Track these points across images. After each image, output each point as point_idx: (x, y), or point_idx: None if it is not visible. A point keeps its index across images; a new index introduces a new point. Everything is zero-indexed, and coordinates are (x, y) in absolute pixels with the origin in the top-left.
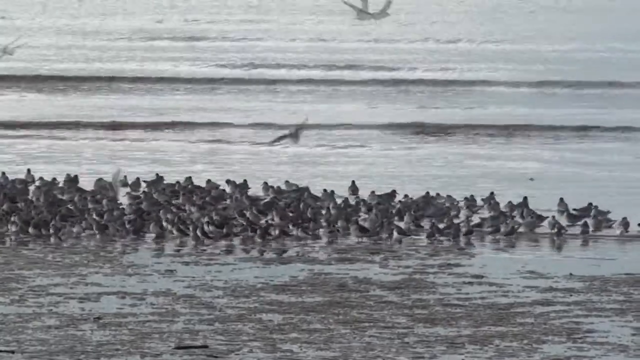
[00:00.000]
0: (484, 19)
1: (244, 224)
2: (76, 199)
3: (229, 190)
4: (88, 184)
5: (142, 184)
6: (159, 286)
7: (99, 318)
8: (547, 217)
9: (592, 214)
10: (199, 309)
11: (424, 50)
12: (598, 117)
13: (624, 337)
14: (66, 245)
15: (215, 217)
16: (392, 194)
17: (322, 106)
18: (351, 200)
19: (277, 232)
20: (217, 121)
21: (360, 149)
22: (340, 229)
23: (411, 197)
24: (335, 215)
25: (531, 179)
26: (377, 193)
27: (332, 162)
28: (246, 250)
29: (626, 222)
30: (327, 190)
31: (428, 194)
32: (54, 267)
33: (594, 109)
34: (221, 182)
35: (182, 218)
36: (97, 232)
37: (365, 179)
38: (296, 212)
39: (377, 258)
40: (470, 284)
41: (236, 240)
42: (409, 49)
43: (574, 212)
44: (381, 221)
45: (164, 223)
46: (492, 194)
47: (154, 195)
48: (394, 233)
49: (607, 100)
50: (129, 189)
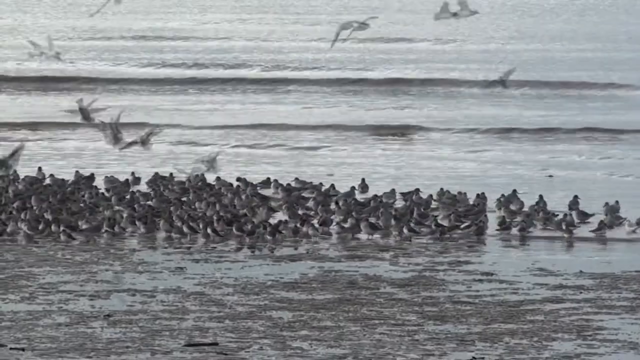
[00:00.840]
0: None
1: (255, 221)
2: (86, 196)
3: (242, 187)
4: None
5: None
6: (169, 284)
7: (109, 315)
8: (558, 215)
9: (604, 212)
10: (209, 306)
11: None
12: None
13: (634, 334)
14: (76, 242)
15: (225, 215)
16: (416, 192)
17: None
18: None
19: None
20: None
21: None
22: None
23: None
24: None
25: (550, 176)
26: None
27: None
28: (256, 248)
29: (638, 220)
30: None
31: (460, 193)
32: (64, 265)
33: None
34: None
35: (192, 215)
36: (107, 230)
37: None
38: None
39: (387, 255)
40: (480, 281)
41: (246, 237)
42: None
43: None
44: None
45: (174, 220)
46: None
47: (165, 193)
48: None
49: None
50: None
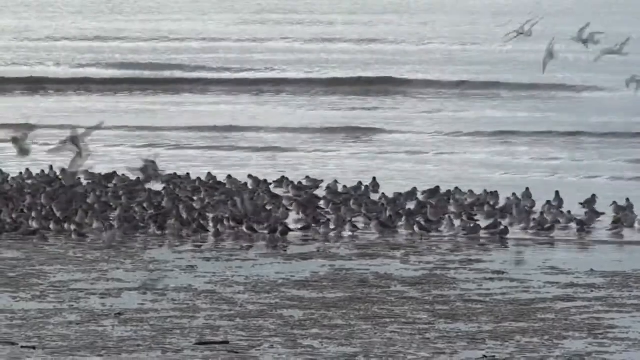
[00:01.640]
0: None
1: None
2: (98, 194)
3: (251, 186)
4: None
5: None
6: (180, 282)
7: (120, 314)
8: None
9: (613, 210)
10: (220, 304)
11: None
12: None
13: None
14: (87, 241)
15: (236, 213)
16: (437, 190)
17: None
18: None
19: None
20: None
21: None
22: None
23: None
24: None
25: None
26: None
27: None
28: (267, 246)
29: None
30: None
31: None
32: (75, 263)
33: None
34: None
35: (203, 214)
36: (118, 228)
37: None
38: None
39: (398, 254)
40: (491, 279)
41: (257, 236)
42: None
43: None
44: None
45: (185, 219)
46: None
47: (176, 191)
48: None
49: None
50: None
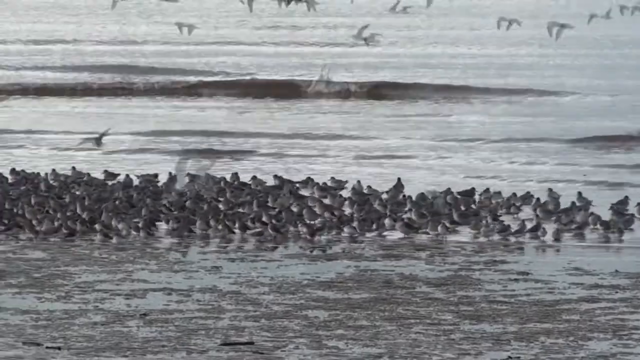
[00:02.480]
0: None
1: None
2: (121, 195)
3: (277, 185)
4: None
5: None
6: (205, 283)
7: (145, 314)
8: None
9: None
10: (244, 305)
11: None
12: None
13: None
14: (112, 241)
15: (261, 214)
16: (472, 192)
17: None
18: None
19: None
20: None
21: None
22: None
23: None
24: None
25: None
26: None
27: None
28: (292, 247)
29: None
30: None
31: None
32: (100, 264)
33: None
34: None
35: (229, 215)
36: (143, 229)
37: None
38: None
39: (423, 255)
40: (516, 280)
41: (283, 237)
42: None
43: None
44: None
45: (210, 219)
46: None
47: (201, 192)
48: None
49: None
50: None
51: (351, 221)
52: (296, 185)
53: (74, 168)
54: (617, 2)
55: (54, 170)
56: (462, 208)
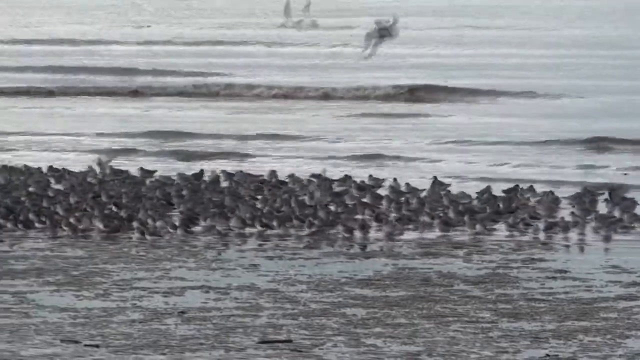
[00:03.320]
0: None
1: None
2: (158, 193)
3: (314, 184)
4: None
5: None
6: (243, 280)
7: (183, 312)
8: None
9: None
10: (282, 303)
11: None
12: None
13: None
14: (150, 239)
15: (297, 212)
16: (516, 189)
17: None
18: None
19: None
20: None
21: None
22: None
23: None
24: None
25: (625, 174)
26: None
27: None
28: (330, 245)
29: None
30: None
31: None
32: (137, 262)
33: None
34: None
35: (265, 213)
36: (180, 227)
37: None
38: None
39: (461, 252)
40: (554, 278)
41: (320, 234)
42: None
43: None
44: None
45: (246, 217)
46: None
47: (238, 190)
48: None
49: None
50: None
51: (389, 219)
52: (334, 182)
53: (111, 166)
54: None
55: (90, 167)
56: (501, 206)
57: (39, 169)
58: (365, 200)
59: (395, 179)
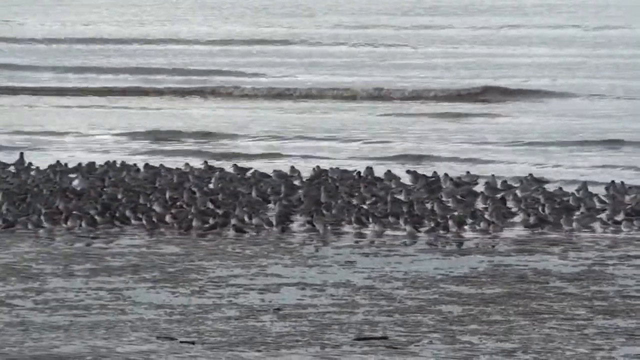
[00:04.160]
0: None
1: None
2: (253, 193)
3: (410, 181)
4: None
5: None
6: (339, 277)
7: (278, 309)
8: None
9: None
10: (378, 300)
11: None
12: None
13: None
14: (246, 236)
15: (394, 208)
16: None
17: None
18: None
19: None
20: None
21: None
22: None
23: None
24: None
25: None
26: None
27: None
28: (426, 242)
29: None
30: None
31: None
32: (233, 258)
33: None
34: None
35: (361, 209)
36: (276, 223)
37: None
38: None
39: (557, 249)
40: None
41: (414, 231)
42: None
43: None
44: None
45: (342, 214)
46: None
47: (336, 186)
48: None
49: None
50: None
51: (484, 216)
52: (430, 179)
53: (206, 162)
54: None
55: (187, 164)
56: (597, 203)
57: (135, 165)
58: (461, 197)
59: (493, 175)
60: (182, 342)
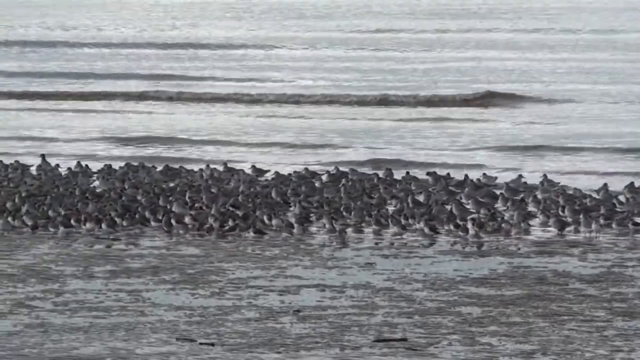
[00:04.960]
0: None
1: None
2: (274, 194)
3: (431, 182)
4: None
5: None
6: (359, 279)
7: (298, 311)
8: None
9: None
10: (398, 301)
11: None
12: None
13: None
14: (265, 237)
15: (413, 210)
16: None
17: None
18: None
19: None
20: None
21: None
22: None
23: None
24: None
25: None
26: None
27: None
28: (445, 243)
29: None
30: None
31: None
32: (253, 260)
33: None
34: None
35: (382, 211)
36: (296, 225)
37: None
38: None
39: (576, 251)
40: None
41: (434, 232)
42: None
43: None
44: None
45: (361, 215)
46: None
47: (356, 186)
48: None
49: None
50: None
51: (504, 218)
52: (449, 181)
53: (225, 164)
54: None
55: (208, 166)
56: (617, 205)
57: (153, 166)
58: (481, 199)
59: (520, 175)
60: (202, 343)
